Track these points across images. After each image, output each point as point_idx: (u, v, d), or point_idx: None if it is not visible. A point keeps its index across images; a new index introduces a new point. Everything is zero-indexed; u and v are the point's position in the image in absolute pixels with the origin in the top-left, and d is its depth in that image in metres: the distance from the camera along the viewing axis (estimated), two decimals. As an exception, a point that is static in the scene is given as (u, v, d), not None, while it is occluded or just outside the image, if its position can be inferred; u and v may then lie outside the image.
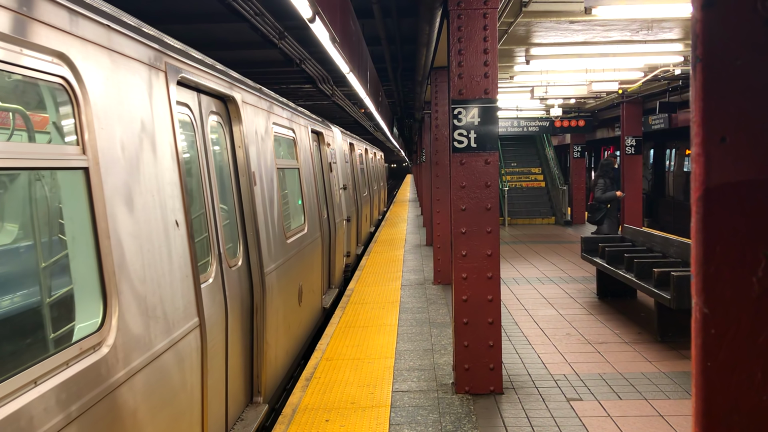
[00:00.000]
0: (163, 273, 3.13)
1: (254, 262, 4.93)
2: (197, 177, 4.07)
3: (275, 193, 5.76)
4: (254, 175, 5.02)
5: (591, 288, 9.32)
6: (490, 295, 5.27)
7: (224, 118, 4.68)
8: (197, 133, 4.06)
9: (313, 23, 4.39)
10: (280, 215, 5.86)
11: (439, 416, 4.85)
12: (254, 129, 5.21)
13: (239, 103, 4.78)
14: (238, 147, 4.84)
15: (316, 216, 7.99)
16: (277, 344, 5.50)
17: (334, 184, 10.35)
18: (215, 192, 4.24)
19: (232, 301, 4.40)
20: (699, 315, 0.95)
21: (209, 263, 4.07)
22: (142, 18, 3.43)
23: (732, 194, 0.92)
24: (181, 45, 3.82)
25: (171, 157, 3.37)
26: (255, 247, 4.95)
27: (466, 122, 5.21)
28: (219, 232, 4.23)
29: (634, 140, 15.52)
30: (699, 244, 0.95)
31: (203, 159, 4.12)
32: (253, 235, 4.95)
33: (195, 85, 4.01)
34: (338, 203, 10.52)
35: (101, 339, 2.56)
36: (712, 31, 0.92)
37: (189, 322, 3.41)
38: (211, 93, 4.38)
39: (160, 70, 3.34)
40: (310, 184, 7.89)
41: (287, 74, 11.25)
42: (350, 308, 8.47)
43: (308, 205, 7.60)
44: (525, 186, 20.69)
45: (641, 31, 8.71)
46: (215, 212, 4.20)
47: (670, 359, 6.10)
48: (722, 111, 0.92)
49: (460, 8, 5.15)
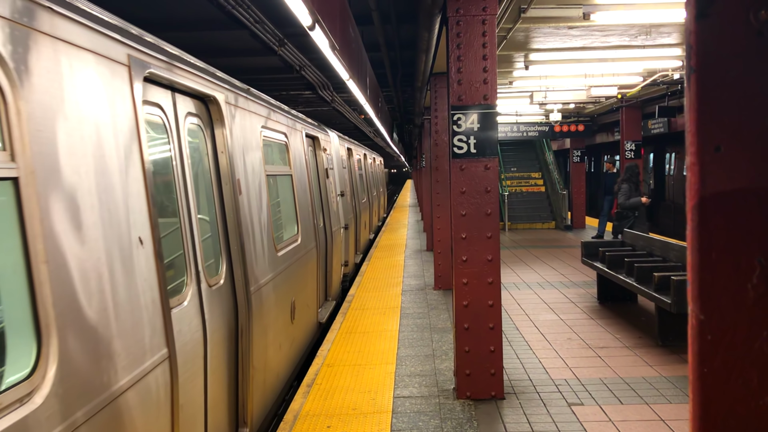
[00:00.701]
0: (120, 301, 2.69)
1: (239, 279, 4.45)
2: (171, 186, 3.63)
3: (264, 203, 5.34)
4: (239, 183, 4.59)
5: (591, 292, 9.32)
6: (491, 300, 5.28)
7: (205, 121, 4.24)
8: (171, 136, 3.62)
9: (313, 31, 4.42)
10: (269, 226, 5.42)
11: (441, 422, 4.85)
12: (240, 133, 4.80)
13: (222, 104, 4.36)
14: (221, 152, 4.38)
15: (311, 225, 7.56)
16: (266, 368, 5.05)
17: (331, 190, 9.88)
18: (193, 203, 3.81)
19: (213, 325, 3.93)
20: (695, 321, 0.97)
21: (184, 284, 3.60)
22: (143, 26, 3.43)
23: (726, 202, 0.93)
24: (152, 38, 3.38)
25: (135, 164, 2.95)
26: (240, 263, 4.47)
27: (465, 128, 5.23)
28: (197, 247, 3.78)
29: (634, 145, 15.53)
30: (694, 252, 0.96)
31: (178, 166, 3.67)
32: (238, 249, 4.47)
33: (169, 84, 3.59)
34: (335, 211, 10.03)
35: (32, 388, 2.12)
36: (706, 43, 0.94)
37: (155, 354, 2.98)
38: (189, 93, 3.95)
39: (121, 63, 2.90)
40: (304, 191, 7.46)
41: (287, 81, 11.30)
42: (351, 314, 8.47)
43: (302, 213, 7.14)
44: (525, 191, 20.71)
45: (640, 36, 8.74)
46: (192, 226, 3.75)
47: (670, 363, 6.10)
48: (716, 121, 0.93)
49: (459, 15, 5.18)
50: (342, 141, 12.67)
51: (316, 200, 8.46)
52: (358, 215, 14.16)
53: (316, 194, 8.48)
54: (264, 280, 5.02)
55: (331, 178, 10.10)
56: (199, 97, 4.17)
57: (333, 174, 10.38)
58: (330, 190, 9.71)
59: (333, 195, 9.99)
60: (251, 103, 5.31)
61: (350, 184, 13.22)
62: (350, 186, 13.18)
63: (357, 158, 15.79)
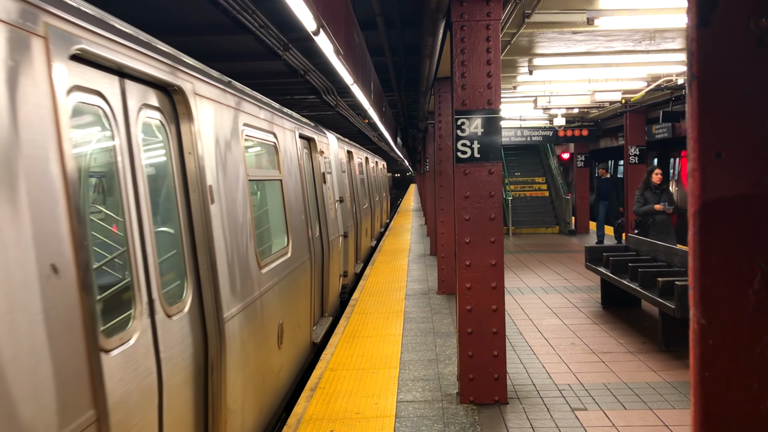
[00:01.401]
0: (17, 353, 2.04)
1: (209, 305, 3.74)
2: (114, 196, 2.98)
3: (245, 212, 4.64)
4: (211, 191, 3.89)
5: (595, 297, 9.31)
6: (495, 305, 5.28)
7: (169, 116, 3.57)
8: (117, 132, 2.93)
9: (318, 36, 4.43)
10: (251, 239, 4.71)
11: (444, 426, 4.85)
12: (215, 131, 4.11)
13: (189, 95, 3.67)
14: (188, 153, 3.68)
15: (304, 235, 6.81)
16: (245, 407, 4.34)
17: (329, 196, 9.06)
18: (147, 214, 3.10)
19: (171, 365, 3.24)
20: (696, 326, 0.97)
21: (131, 317, 2.92)
22: (147, 30, 3.44)
23: (728, 208, 0.94)
24: (92, 8, 2.75)
25: (49, 169, 2.30)
26: (210, 286, 3.76)
27: (469, 132, 5.24)
28: (151, 270, 3.08)
29: (638, 149, 15.52)
30: (696, 257, 0.97)
31: (125, 169, 2.98)
32: (208, 269, 3.76)
33: (116, 67, 2.93)
34: (333, 218, 9.22)
35: None
36: (707, 50, 0.95)
37: (76, 420, 2.31)
38: (146, 80, 3.29)
39: (33, 34, 2.29)
40: (296, 197, 6.67)
41: (291, 85, 11.33)
42: (354, 318, 8.48)
43: (294, 223, 6.36)
44: (529, 195, 20.70)
45: (644, 41, 8.75)
46: (146, 243, 3.06)
47: (674, 368, 6.09)
48: (717, 127, 0.94)
49: (463, 20, 5.19)
50: (341, 143, 11.95)
51: (312, 207, 7.72)
52: (359, 222, 13.37)
53: (311, 201, 7.78)
54: (242, 303, 4.33)
55: (329, 183, 9.32)
56: (162, 88, 3.51)
57: (331, 178, 9.65)
58: (327, 196, 8.95)
59: (331, 201, 9.26)
60: (231, 97, 4.63)
61: (350, 189, 12.46)
62: (350, 191, 12.43)
63: (358, 162, 14.98)
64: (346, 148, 12.66)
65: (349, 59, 5.89)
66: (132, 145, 3.06)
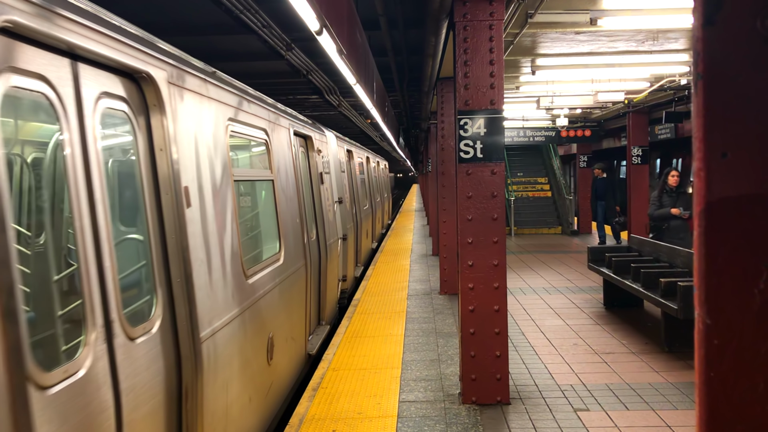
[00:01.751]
0: None
1: (183, 323, 3.32)
2: (59, 198, 2.60)
3: (228, 216, 4.17)
4: (187, 192, 3.44)
5: (598, 298, 9.30)
6: (497, 305, 5.28)
7: (137, 107, 3.13)
8: (67, 124, 2.52)
9: (321, 36, 4.43)
10: (235, 247, 4.25)
11: (446, 427, 4.85)
12: (192, 125, 3.67)
13: (161, 84, 3.23)
14: (160, 150, 3.24)
15: (299, 239, 6.34)
16: None
17: (327, 198, 8.52)
18: (104, 220, 2.65)
19: (134, 396, 2.83)
20: (701, 326, 0.97)
21: (81, 344, 2.51)
22: (150, 30, 3.43)
23: (733, 208, 0.94)
24: None
25: None
26: (184, 301, 3.33)
27: (472, 133, 5.23)
28: (109, 286, 2.64)
29: (641, 150, 15.51)
30: (701, 257, 0.97)
31: (77, 167, 2.56)
32: (182, 281, 3.33)
33: (67, 48, 2.53)
34: (331, 221, 8.68)
35: None
36: (713, 49, 0.94)
37: None
38: (108, 66, 2.86)
39: None
40: (290, 199, 6.17)
41: (294, 85, 11.33)
42: (356, 318, 8.48)
43: (287, 226, 5.88)
44: (531, 196, 20.69)
45: (647, 41, 8.74)
46: (103, 254, 2.62)
47: (677, 369, 6.08)
48: (723, 127, 0.94)
49: (466, 20, 5.19)
50: (341, 142, 11.50)
51: (308, 209, 7.25)
52: (359, 224, 12.86)
53: (308, 202, 7.31)
54: (224, 318, 3.89)
55: (327, 184, 8.79)
56: (129, 75, 3.07)
57: (329, 179, 9.12)
58: (325, 197, 8.39)
59: (329, 203, 8.69)
60: (213, 88, 4.14)
61: (350, 190, 11.96)
62: (350, 192, 11.92)
63: (358, 161, 14.53)
64: (345, 147, 12.26)
65: (351, 59, 5.89)
66: (86, 140, 2.62)
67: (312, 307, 7.05)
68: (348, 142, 13.31)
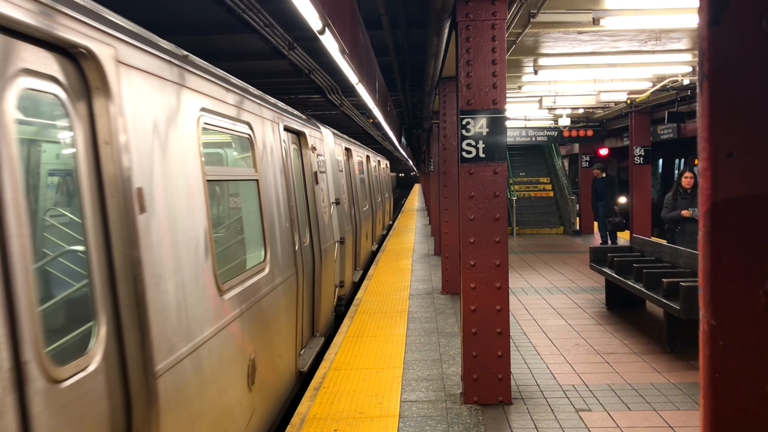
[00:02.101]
0: None
1: (133, 355, 2.71)
2: None
3: (198, 224, 3.54)
4: (141, 195, 2.84)
5: (600, 298, 9.29)
6: (499, 305, 5.27)
7: (75, 90, 2.53)
8: None
9: (323, 35, 4.43)
10: (206, 258, 3.60)
11: (448, 426, 4.85)
12: (150, 114, 3.04)
13: (107, 62, 2.64)
14: (105, 143, 2.63)
15: (289, 246, 5.67)
16: None
17: (322, 199, 7.86)
18: (18, 233, 2.09)
19: None
20: (706, 327, 0.97)
21: None
22: (153, 29, 3.43)
23: (739, 208, 0.94)
24: None
25: None
26: (135, 328, 2.72)
27: (474, 132, 5.23)
28: (22, 317, 2.06)
29: (643, 150, 15.49)
30: (706, 257, 0.96)
31: None
32: (133, 304, 2.73)
33: None
34: (327, 224, 8.03)
35: None
36: (719, 49, 0.94)
37: None
38: (30, 36, 2.29)
39: None
40: (279, 201, 5.48)
41: (296, 84, 11.34)
42: (358, 318, 8.48)
43: (274, 232, 5.22)
44: (533, 196, 20.67)
45: (649, 41, 8.72)
46: (12, 275, 2.04)
47: (679, 370, 6.07)
48: (729, 127, 0.94)
49: (469, 20, 5.18)
50: (339, 140, 10.85)
51: (301, 212, 6.61)
52: (358, 226, 12.30)
53: (300, 205, 6.60)
54: (191, 344, 3.27)
55: (323, 184, 8.10)
56: (64, 51, 2.51)
57: (325, 179, 8.44)
58: (320, 198, 7.72)
59: (324, 204, 8.03)
60: (180, 73, 3.50)
61: (348, 190, 11.33)
62: (348, 192, 11.30)
63: (358, 160, 13.84)
64: (344, 145, 11.60)
65: (354, 58, 5.89)
66: None
67: (304, 318, 6.42)
68: (347, 140, 12.74)
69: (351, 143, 13.18)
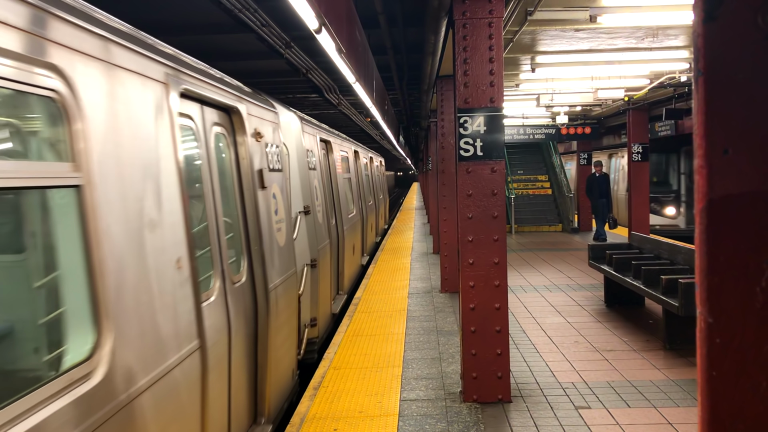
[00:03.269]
0: None
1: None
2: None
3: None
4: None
5: (599, 296, 9.29)
6: (498, 304, 5.27)
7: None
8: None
9: (320, 34, 4.42)
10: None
11: (447, 425, 4.85)
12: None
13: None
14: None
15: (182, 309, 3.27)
16: None
17: (273, 210, 5.24)
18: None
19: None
20: (703, 324, 0.97)
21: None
22: (149, 29, 3.43)
23: (735, 205, 0.93)
24: None
25: None
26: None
27: (472, 131, 5.23)
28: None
29: (641, 147, 15.50)
30: (703, 255, 0.96)
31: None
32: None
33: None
34: (284, 246, 5.44)
35: None
36: (714, 45, 0.94)
37: None
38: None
39: None
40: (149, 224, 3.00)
41: (293, 84, 11.34)
42: (357, 317, 8.48)
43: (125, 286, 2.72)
44: (532, 193, 20.67)
45: (646, 38, 8.72)
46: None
47: (678, 366, 6.08)
48: (724, 124, 0.93)
49: (466, 18, 5.18)
50: (311, 128, 8.33)
51: (235, 234, 4.48)
52: (340, 239, 9.89)
53: (227, 221, 4.32)
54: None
55: (278, 187, 5.48)
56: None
57: (281, 180, 5.65)
58: (269, 209, 5.08)
59: (278, 218, 5.39)
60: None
61: (325, 194, 8.82)
62: (326, 197, 8.81)
63: (341, 155, 11.27)
64: (320, 136, 8.98)
65: (351, 57, 5.88)
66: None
67: (245, 399, 4.50)
68: (325, 131, 9.89)
69: (331, 134, 10.41)
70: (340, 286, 9.86)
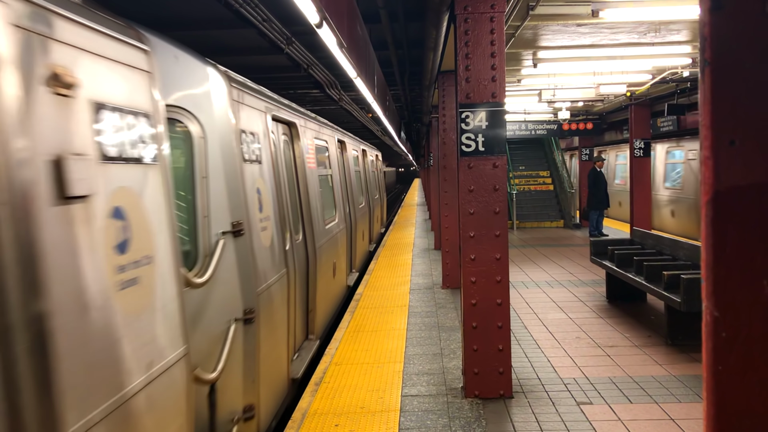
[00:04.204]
0: None
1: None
2: None
3: None
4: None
5: (600, 291, 9.28)
6: (499, 299, 5.26)
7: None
8: None
9: (321, 29, 4.41)
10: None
11: (449, 420, 4.84)
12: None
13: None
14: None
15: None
16: None
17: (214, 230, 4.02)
18: None
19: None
20: (709, 318, 0.95)
21: None
22: (151, 24, 3.42)
23: (741, 197, 0.92)
24: None
25: None
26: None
27: (473, 126, 5.21)
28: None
29: (643, 143, 15.46)
30: (708, 248, 0.95)
31: None
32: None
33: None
34: (230, 279, 4.13)
35: None
36: (720, 35, 0.92)
37: None
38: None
39: None
40: None
41: (295, 79, 11.31)
42: (359, 312, 8.47)
43: None
44: (533, 189, 20.65)
45: (649, 33, 8.69)
46: None
47: (680, 362, 6.06)
48: (731, 114, 0.92)
49: (467, 12, 5.16)
50: (253, 98, 5.14)
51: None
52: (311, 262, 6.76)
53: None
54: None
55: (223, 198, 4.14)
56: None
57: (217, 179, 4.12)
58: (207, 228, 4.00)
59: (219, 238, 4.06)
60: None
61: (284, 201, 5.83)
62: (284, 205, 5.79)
63: (318, 145, 8.31)
64: (275, 114, 5.86)
65: (352, 52, 5.86)
66: None
67: None
68: (288, 108, 6.55)
69: (299, 115, 7.07)
70: (310, 330, 6.95)
